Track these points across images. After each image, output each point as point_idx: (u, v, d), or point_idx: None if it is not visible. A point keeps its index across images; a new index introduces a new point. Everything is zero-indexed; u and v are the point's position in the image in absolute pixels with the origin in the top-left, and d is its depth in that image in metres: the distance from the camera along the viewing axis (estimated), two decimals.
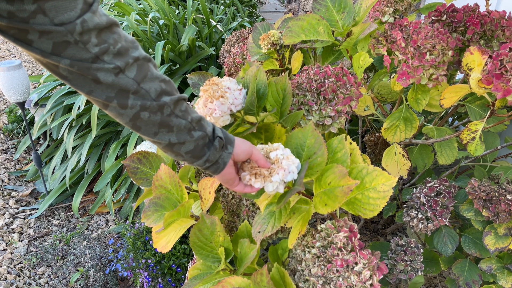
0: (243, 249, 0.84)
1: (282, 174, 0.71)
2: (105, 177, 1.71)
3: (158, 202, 0.94)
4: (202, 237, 0.87)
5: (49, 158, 2.26)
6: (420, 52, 0.97)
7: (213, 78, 0.85)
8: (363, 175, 0.82)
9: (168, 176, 0.96)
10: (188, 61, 2.03)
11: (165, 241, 1.00)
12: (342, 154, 0.83)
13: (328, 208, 0.75)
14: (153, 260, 1.33)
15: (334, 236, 0.80)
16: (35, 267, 1.64)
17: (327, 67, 0.94)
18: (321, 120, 0.92)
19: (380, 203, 0.78)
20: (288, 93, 0.87)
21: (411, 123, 1.14)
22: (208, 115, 0.83)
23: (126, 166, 1.09)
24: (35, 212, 1.98)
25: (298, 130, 0.82)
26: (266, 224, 0.78)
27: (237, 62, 1.45)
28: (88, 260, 1.50)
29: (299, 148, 0.81)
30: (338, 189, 0.74)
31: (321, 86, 0.91)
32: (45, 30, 0.49)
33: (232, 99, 0.82)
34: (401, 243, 1.02)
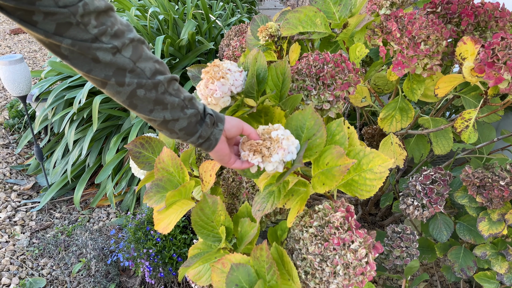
0: (243, 227, 0.87)
1: (281, 153, 0.74)
2: (106, 170, 1.74)
3: (160, 184, 0.97)
4: (204, 216, 0.90)
5: (50, 152, 2.29)
6: (415, 42, 1.00)
7: (215, 60, 0.88)
8: (360, 157, 0.85)
9: (170, 158, 0.99)
10: (187, 55, 2.06)
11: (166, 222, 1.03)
12: (341, 137, 0.86)
13: (326, 187, 0.78)
14: (154, 250, 1.36)
15: (331, 215, 0.83)
16: (37, 258, 1.67)
17: (326, 54, 0.97)
18: (319, 104, 0.95)
19: (377, 184, 0.81)
20: (287, 76, 0.90)
21: (407, 113, 1.17)
22: (209, 96, 0.86)
23: (129, 150, 1.12)
24: (37, 205, 2.01)
25: (298, 112, 0.85)
26: (266, 202, 0.81)
27: (236, 55, 1.48)
28: (90, 251, 1.53)
29: (299, 130, 0.84)
30: (336, 168, 0.77)
31: (320, 72, 0.94)
32: (50, 11, 0.52)
33: (233, 80, 0.85)
34: (397, 230, 1.05)
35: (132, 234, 1.40)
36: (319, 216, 0.84)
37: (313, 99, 0.95)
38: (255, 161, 0.74)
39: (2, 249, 1.70)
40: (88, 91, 1.75)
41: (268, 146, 0.75)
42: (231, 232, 0.87)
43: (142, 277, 1.46)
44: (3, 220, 1.87)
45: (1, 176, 2.18)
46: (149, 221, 1.44)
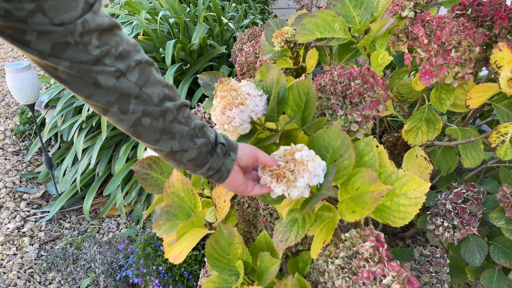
0: (263, 262, 0.79)
1: (307, 177, 0.66)
2: (115, 180, 1.69)
3: (170, 210, 0.90)
4: (219, 248, 0.82)
5: (60, 160, 2.25)
6: (445, 49, 0.91)
7: (232, 83, 0.80)
8: (393, 180, 0.77)
9: (180, 183, 0.92)
10: (199, 60, 1.99)
11: (177, 251, 0.96)
12: (370, 157, 0.78)
13: (356, 215, 0.70)
14: (164, 267, 1.29)
15: (360, 245, 0.75)
16: (45, 272, 1.62)
17: (352, 68, 0.89)
18: (346, 125, 0.87)
19: (412, 211, 0.73)
20: (312, 97, 0.82)
21: (434, 124, 1.08)
22: (226, 123, 0.78)
23: (136, 172, 1.06)
24: (46, 215, 1.97)
25: (323, 131, 0.77)
26: (289, 232, 0.73)
27: (249, 61, 1.41)
28: (98, 266, 1.48)
29: (323, 150, 0.77)
30: (368, 195, 0.69)
31: (346, 89, 0.86)
32: (44, 30, 0.45)
33: (253, 106, 0.77)
34: (426, 253, 0.97)
35: (141, 250, 1.34)
36: (346, 246, 0.76)
37: (339, 120, 0.87)
38: (278, 190, 0.67)
39: (10, 262, 1.66)
40: None
41: (291, 169, 0.67)
42: (249, 266, 0.80)
43: None
44: (11, 231, 1.83)
45: (11, 184, 2.14)
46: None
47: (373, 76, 0.90)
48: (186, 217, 0.90)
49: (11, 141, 2.52)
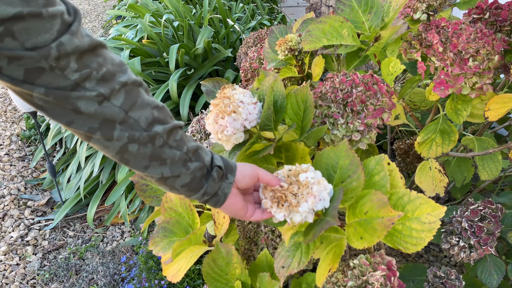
0: (262, 284, 0.75)
1: (311, 201, 0.62)
2: (118, 189, 1.65)
3: (167, 227, 0.87)
4: (217, 268, 0.78)
5: (65, 166, 2.23)
6: (462, 58, 0.85)
7: (225, 90, 0.76)
8: (405, 202, 0.72)
9: (178, 198, 0.88)
10: (204, 64, 1.95)
11: (175, 269, 0.92)
12: (381, 178, 0.73)
13: (365, 242, 0.65)
14: (166, 282, 1.25)
15: (370, 275, 0.70)
16: (48, 283, 1.60)
17: (355, 75, 0.84)
18: (348, 135, 0.82)
19: (425, 237, 0.68)
20: (310, 105, 0.77)
21: (449, 136, 1.02)
22: (219, 132, 0.74)
23: (135, 182, 1.02)
24: (50, 223, 1.95)
25: (329, 149, 0.72)
26: (291, 258, 0.68)
27: (253, 67, 1.36)
28: (100, 278, 1.45)
29: (330, 169, 0.72)
30: (377, 220, 0.64)
31: (347, 97, 0.81)
32: (14, 55, 0.41)
33: (246, 114, 0.73)
34: (440, 275, 0.91)
35: (143, 263, 1.30)
36: (355, 275, 0.71)
37: (340, 129, 0.82)
38: (279, 216, 0.62)
39: (13, 273, 1.64)
40: None
41: (295, 193, 0.62)
42: (248, 287, 0.75)
43: None
44: (15, 240, 1.81)
45: (16, 191, 2.13)
46: None
47: (377, 83, 0.84)
48: (184, 234, 0.86)
49: (16, 147, 2.51)
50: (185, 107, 1.68)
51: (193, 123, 1.45)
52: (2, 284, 1.58)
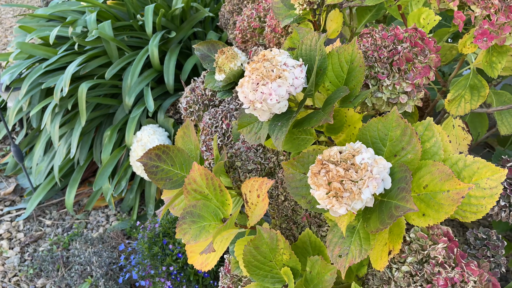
0: (314, 268, 0.70)
1: (373, 186, 0.57)
2: (104, 172, 1.54)
3: (194, 211, 0.80)
4: (260, 255, 0.73)
5: (29, 148, 2.06)
6: (507, 5, 0.81)
7: (265, 51, 0.68)
8: (460, 168, 0.68)
9: (204, 178, 0.81)
10: (182, 26, 1.81)
11: (204, 256, 0.86)
12: (432, 145, 0.69)
13: (429, 219, 0.61)
14: (176, 267, 1.19)
15: (431, 248, 0.67)
16: (33, 279, 1.49)
17: (397, 29, 0.78)
18: (393, 97, 0.77)
19: (486, 203, 0.65)
20: (357, 65, 0.71)
21: (479, 91, 1.00)
22: (258, 101, 0.67)
23: (143, 164, 0.94)
24: (22, 213, 1.81)
25: (377, 120, 0.67)
26: (348, 245, 0.63)
27: (253, 26, 1.26)
28: (96, 268, 1.36)
29: (378, 143, 0.67)
30: (442, 195, 0.61)
31: (393, 54, 0.75)
32: None
33: (292, 79, 0.66)
34: (481, 236, 0.91)
35: (147, 250, 1.23)
36: (413, 249, 0.68)
37: (385, 91, 0.77)
38: (341, 211, 0.56)
39: None
40: (71, 76, 1.51)
41: (354, 179, 0.56)
42: (298, 273, 0.71)
43: None
44: None
45: None
46: (166, 233, 1.27)
47: (423, 38, 0.79)
48: (213, 217, 0.80)
49: None
50: (170, 75, 1.56)
51: (186, 93, 1.35)
52: None
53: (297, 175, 0.68)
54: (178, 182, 0.94)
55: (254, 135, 0.78)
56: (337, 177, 0.57)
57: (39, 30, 1.87)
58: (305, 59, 0.70)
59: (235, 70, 1.22)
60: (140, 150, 1.43)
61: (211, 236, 0.78)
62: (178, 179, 0.94)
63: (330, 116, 0.63)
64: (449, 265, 0.65)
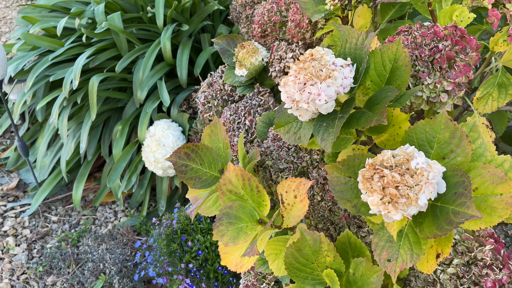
0: (358, 270, 0.70)
1: (429, 191, 0.56)
2: (117, 168, 1.52)
3: (231, 212, 0.79)
4: (302, 257, 0.73)
5: (30, 142, 2.02)
6: None
7: (313, 50, 0.66)
8: (505, 169, 0.69)
9: (240, 178, 0.80)
10: (192, 19, 1.79)
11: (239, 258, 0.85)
12: (478, 146, 0.69)
13: (481, 223, 0.61)
14: (196, 265, 1.18)
15: (478, 250, 0.67)
16: (42, 277, 1.47)
17: (436, 26, 0.77)
18: (433, 96, 0.76)
19: None
20: (402, 65, 0.70)
21: (507, 89, 1.00)
22: (304, 102, 0.66)
23: (173, 164, 0.92)
24: (27, 209, 1.78)
25: (424, 122, 0.66)
26: (397, 249, 0.63)
27: (274, 20, 1.25)
28: (109, 266, 1.34)
29: (425, 145, 0.66)
30: (494, 198, 0.61)
31: (434, 53, 0.75)
32: None
33: (341, 79, 0.65)
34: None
35: (165, 247, 1.22)
36: (459, 251, 0.68)
37: (425, 90, 0.76)
38: (397, 217, 0.56)
39: None
40: (81, 69, 1.48)
41: (410, 184, 0.56)
42: (342, 275, 0.71)
43: None
44: None
45: None
46: (184, 230, 1.26)
47: (463, 36, 0.79)
48: (250, 219, 0.80)
49: None
50: (184, 68, 1.54)
51: (203, 88, 1.33)
52: None
53: (342, 179, 0.68)
54: (208, 181, 0.93)
55: (293, 135, 0.78)
56: (393, 183, 0.56)
57: (43, 21, 1.82)
58: (351, 58, 0.70)
59: (256, 65, 1.21)
60: (154, 145, 1.41)
61: (249, 237, 0.77)
62: (207, 178, 0.93)
63: (383, 116, 0.62)
64: (496, 267, 0.66)
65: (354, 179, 0.67)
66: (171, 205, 1.67)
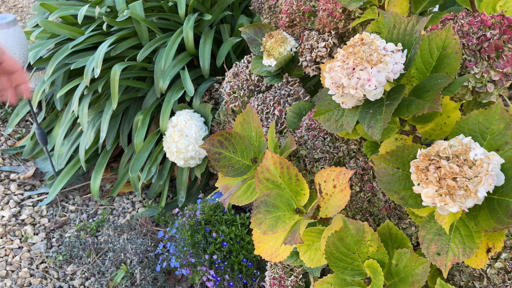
0: (401, 261, 0.69)
1: (488, 183, 0.55)
2: (140, 158, 1.51)
3: (268, 201, 0.79)
4: (343, 247, 0.72)
5: (47, 131, 2.02)
6: None
7: (363, 34, 0.65)
8: None
9: (279, 166, 0.79)
10: (213, 9, 1.77)
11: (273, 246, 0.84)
12: None
13: None
14: (220, 256, 1.18)
15: None
16: (62, 266, 1.47)
17: (483, 15, 0.76)
18: (479, 86, 0.75)
19: None
20: (452, 52, 0.69)
21: None
22: (352, 87, 0.65)
23: (206, 151, 0.92)
24: (44, 198, 1.78)
25: (478, 113, 0.65)
26: (447, 242, 0.62)
27: (303, 10, 1.24)
28: (131, 256, 1.34)
29: (478, 136, 0.65)
30: None
31: (482, 41, 0.73)
32: None
33: (392, 65, 0.64)
34: None
35: (189, 238, 1.22)
36: (508, 246, 0.67)
37: (471, 79, 0.75)
38: (454, 209, 0.55)
39: (17, 258, 1.50)
40: (103, 57, 1.47)
41: (468, 176, 0.55)
42: (384, 266, 0.70)
43: (201, 285, 1.30)
44: (8, 220, 1.64)
45: None
46: (208, 221, 1.25)
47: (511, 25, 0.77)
48: (287, 207, 0.79)
49: None
50: (206, 58, 1.53)
51: (228, 78, 1.32)
52: (7, 272, 1.44)
53: (389, 170, 0.67)
54: (240, 169, 0.93)
55: (334, 123, 0.77)
56: (450, 174, 0.55)
57: (62, 9, 1.82)
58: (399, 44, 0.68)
59: (285, 55, 1.19)
60: (177, 135, 1.41)
61: (288, 226, 0.77)
62: (240, 167, 0.93)
63: (437, 103, 0.61)
64: None
65: (402, 170, 0.66)
66: (189, 196, 1.67)
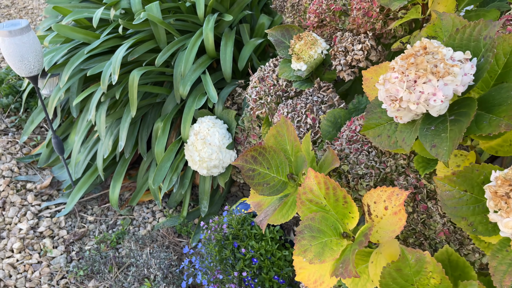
0: None
1: None
2: (162, 167, 1.46)
3: (313, 225, 0.72)
4: (400, 278, 0.65)
5: (62, 139, 1.98)
6: None
7: (426, 42, 0.58)
8: None
9: (323, 186, 0.73)
10: (232, 9, 1.70)
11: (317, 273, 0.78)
12: None
13: None
14: (250, 273, 1.12)
15: None
16: (83, 282, 1.43)
17: None
18: None
19: None
20: None
21: None
22: (413, 102, 0.58)
23: (240, 168, 0.86)
24: (62, 208, 1.74)
25: None
26: None
27: (334, 9, 1.16)
28: (154, 271, 1.29)
29: None
30: None
31: None
32: None
33: (461, 77, 0.56)
34: None
35: (217, 254, 1.16)
36: None
37: None
38: None
39: (36, 273, 1.45)
40: (120, 63, 1.42)
41: None
42: None
43: None
44: (26, 233, 1.60)
45: (9, 173, 1.88)
46: (236, 235, 1.19)
47: None
48: (333, 232, 0.73)
49: None
50: (228, 62, 1.47)
51: (254, 83, 1.26)
52: None
53: (455, 193, 0.60)
54: (276, 187, 0.86)
55: (386, 139, 0.70)
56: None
57: (76, 12, 1.77)
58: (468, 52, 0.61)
59: (316, 58, 1.12)
60: (199, 144, 1.35)
61: (336, 254, 0.70)
62: (275, 184, 0.87)
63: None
64: None
65: (470, 193, 0.59)
66: (211, 204, 1.61)
